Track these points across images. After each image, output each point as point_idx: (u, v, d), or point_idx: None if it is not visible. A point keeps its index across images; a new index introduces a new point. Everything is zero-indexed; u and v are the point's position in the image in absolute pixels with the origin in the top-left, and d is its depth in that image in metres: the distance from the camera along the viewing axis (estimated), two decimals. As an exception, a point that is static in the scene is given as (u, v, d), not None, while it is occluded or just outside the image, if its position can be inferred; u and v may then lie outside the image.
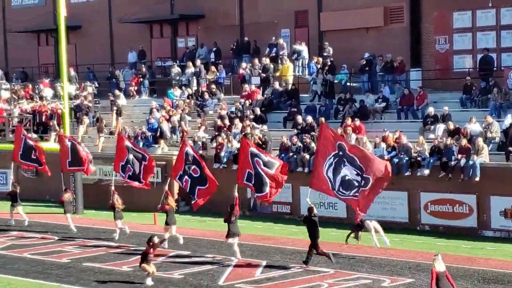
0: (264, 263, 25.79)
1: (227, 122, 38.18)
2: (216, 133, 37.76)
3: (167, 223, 28.47)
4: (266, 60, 41.26)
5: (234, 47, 44.58)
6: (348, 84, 38.89)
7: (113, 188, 31.37)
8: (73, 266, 26.08)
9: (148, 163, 30.58)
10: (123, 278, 24.31)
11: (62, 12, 35.99)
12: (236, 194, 26.67)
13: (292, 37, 43.51)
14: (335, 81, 38.55)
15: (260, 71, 41.08)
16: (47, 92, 48.01)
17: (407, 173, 31.30)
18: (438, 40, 37.98)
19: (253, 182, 27.08)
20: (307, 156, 33.43)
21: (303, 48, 41.42)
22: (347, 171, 24.97)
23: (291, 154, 34.21)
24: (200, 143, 37.01)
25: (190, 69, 43.59)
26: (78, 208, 36.80)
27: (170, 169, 36.30)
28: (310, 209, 25.58)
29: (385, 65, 37.82)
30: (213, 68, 43.19)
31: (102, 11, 52.09)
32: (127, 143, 31.38)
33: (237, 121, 37.77)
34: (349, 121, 34.49)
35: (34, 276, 24.81)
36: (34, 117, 44.47)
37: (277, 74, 41.16)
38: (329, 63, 38.74)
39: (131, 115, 44.00)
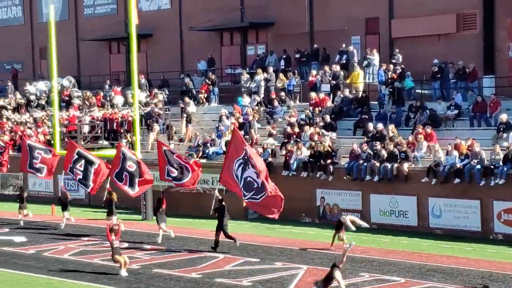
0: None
1: (296, 129, 38.01)
2: (285, 140, 37.62)
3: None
4: (336, 67, 41.00)
5: (303, 54, 44.39)
6: (419, 91, 38.39)
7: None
8: (143, 272, 26.13)
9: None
10: (191, 285, 24.27)
11: (134, 20, 36.15)
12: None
13: (362, 44, 43.20)
14: (405, 88, 38.09)
15: (330, 78, 40.81)
16: (118, 99, 48.48)
17: (481, 182, 30.67)
18: (511, 47, 37.28)
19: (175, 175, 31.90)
20: (377, 164, 33.08)
21: (373, 55, 41.07)
22: (249, 173, 28.14)
23: (360, 161, 33.87)
24: (269, 150, 36.89)
25: (260, 76, 43.56)
26: (147, 215, 36.95)
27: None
28: (220, 200, 29.55)
29: (457, 72, 37.26)
30: (283, 75, 43.08)
31: (173, 19, 52.46)
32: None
33: (306, 128, 37.58)
34: (420, 128, 34.03)
35: (105, 282, 24.90)
36: (105, 124, 44.88)
37: (347, 81, 40.85)
38: (399, 70, 38.31)
39: (200, 122, 44.12)
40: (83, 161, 34.99)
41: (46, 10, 47.30)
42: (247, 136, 39.14)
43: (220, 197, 29.76)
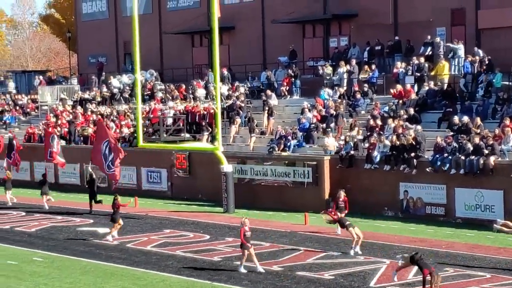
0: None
1: (379, 122, 37.54)
2: (368, 133, 37.19)
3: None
4: (421, 59, 40.35)
5: (387, 46, 43.85)
6: (507, 83, 37.50)
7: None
8: (224, 264, 26.12)
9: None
10: (273, 277, 24.13)
11: (216, 13, 36.20)
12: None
13: (448, 36, 42.44)
14: (493, 81, 37.25)
15: (415, 70, 40.19)
16: (200, 92, 48.66)
17: None
18: None
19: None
20: (463, 157, 32.40)
21: (459, 46, 40.27)
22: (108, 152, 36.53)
23: (445, 155, 33.24)
24: (351, 143, 36.51)
25: (342, 69, 43.16)
26: (229, 208, 36.98)
27: (321, 169, 36.21)
28: (90, 174, 38.16)
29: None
30: (366, 67, 42.61)
31: (255, 12, 52.40)
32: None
33: (390, 121, 37.08)
34: (507, 121, 33.22)
35: (187, 274, 24.97)
36: (187, 117, 45.06)
37: (432, 73, 40.16)
38: (486, 62, 37.49)
39: (282, 115, 43.95)
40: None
41: (130, 4, 47.68)
42: (329, 129, 38.94)
43: (91, 172, 38.47)
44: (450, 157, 32.98)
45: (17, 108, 58.55)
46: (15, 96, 60.72)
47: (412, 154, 34.07)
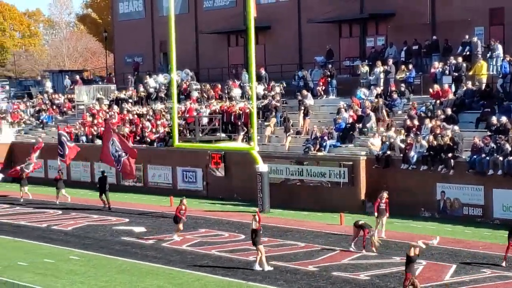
0: (454, 266, 24.85)
1: (416, 122, 37.25)
2: (405, 133, 36.91)
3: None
4: (459, 59, 39.98)
5: (424, 45, 43.52)
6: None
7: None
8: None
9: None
10: (308, 278, 24.03)
11: (252, 13, 36.13)
12: None
13: (486, 35, 42.00)
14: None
15: (452, 70, 39.82)
16: (236, 92, 48.63)
17: None
18: None
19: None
20: (501, 158, 32.05)
21: (498, 46, 39.83)
22: (116, 148, 39.49)
23: (483, 155, 32.90)
24: (388, 143, 36.27)
25: (379, 69, 42.91)
26: (264, 207, 36.90)
27: (356, 170, 36.04)
28: (103, 172, 40.86)
29: None
30: (403, 67, 42.30)
31: (291, 11, 52.25)
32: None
33: (427, 121, 36.77)
34: (546, 121, 32.83)
35: (222, 273, 24.94)
36: (222, 116, 45.05)
37: (470, 73, 39.77)
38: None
39: (318, 115, 43.77)
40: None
41: (167, 4, 47.84)
42: (367, 126, 38.80)
43: (103, 170, 41.88)
44: (488, 157, 32.64)
45: (54, 107, 58.94)
46: (52, 96, 61.14)
47: (450, 155, 33.77)
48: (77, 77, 63.34)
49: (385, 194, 29.54)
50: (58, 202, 41.42)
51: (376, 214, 29.33)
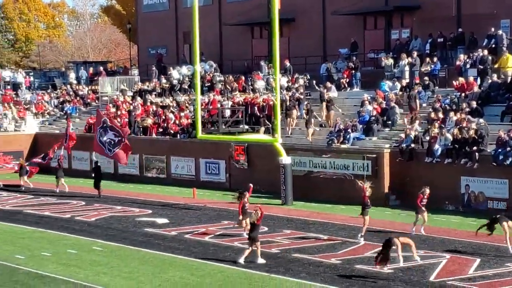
0: (478, 260, 24.69)
1: (440, 115, 37.02)
2: (429, 126, 36.69)
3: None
4: (484, 52, 39.69)
5: (449, 38, 43.25)
6: None
7: None
8: (282, 256, 26.00)
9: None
10: (331, 270, 23.95)
11: (276, 5, 36.00)
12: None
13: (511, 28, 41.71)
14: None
15: (478, 63, 39.53)
16: (260, 84, 48.53)
17: None
18: None
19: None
20: (526, 151, 31.81)
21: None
22: (109, 135, 39.20)
23: (508, 149, 32.65)
24: (412, 136, 36.08)
25: (404, 61, 42.67)
26: (287, 200, 36.84)
27: (380, 162, 35.89)
28: (96, 162, 41.59)
29: None
30: (428, 60, 42.04)
31: (316, 3, 52.07)
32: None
33: (451, 114, 36.54)
34: None
35: (245, 265, 24.85)
36: (246, 108, 44.96)
37: (495, 66, 39.48)
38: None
39: (342, 107, 43.61)
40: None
41: (190, -5, 47.74)
42: (392, 119, 38.64)
43: (96, 160, 42.21)
44: (513, 151, 32.43)
45: (78, 98, 59.11)
46: (76, 87, 61.32)
47: (474, 148, 33.55)
48: (101, 68, 63.45)
49: (427, 190, 29.12)
50: (58, 191, 42.08)
51: (419, 210, 28.89)
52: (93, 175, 41.54)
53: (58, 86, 64.60)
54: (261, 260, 25.08)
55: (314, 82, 45.55)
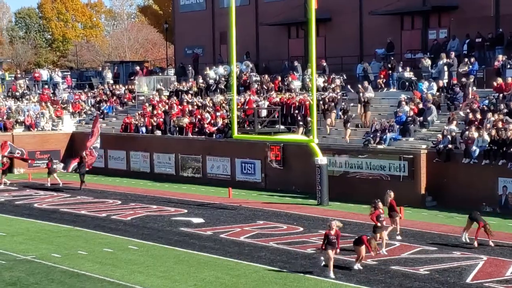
0: (516, 263, 24.46)
1: (478, 115, 36.69)
2: (467, 127, 36.39)
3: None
4: (523, 52, 39.33)
5: (488, 38, 42.83)
6: None
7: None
8: (318, 257, 25.85)
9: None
10: (366, 271, 23.80)
11: (313, 5, 35.90)
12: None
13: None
14: None
15: (516, 64, 39.19)
16: (296, 84, 48.43)
17: None
18: None
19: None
20: None
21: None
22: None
23: (547, 150, 32.32)
24: (449, 137, 35.79)
25: (441, 61, 42.34)
26: (323, 200, 36.72)
27: (417, 163, 35.63)
28: (81, 157, 43.78)
29: None
30: (466, 60, 41.68)
31: (352, 3, 51.84)
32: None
33: (489, 114, 36.20)
34: None
35: (280, 265, 24.82)
36: (282, 108, 44.88)
37: (534, 66, 39.10)
38: None
39: (378, 107, 43.38)
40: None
41: (227, -4, 47.80)
42: (429, 120, 38.35)
43: (83, 155, 44.20)
44: (551, 152, 32.06)
45: (114, 98, 59.41)
46: (112, 86, 61.64)
47: (512, 149, 33.24)
48: (138, 68, 63.71)
49: (391, 194, 28.92)
50: (50, 185, 44.62)
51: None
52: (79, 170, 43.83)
53: (95, 86, 65.01)
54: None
55: (349, 85, 45.38)
